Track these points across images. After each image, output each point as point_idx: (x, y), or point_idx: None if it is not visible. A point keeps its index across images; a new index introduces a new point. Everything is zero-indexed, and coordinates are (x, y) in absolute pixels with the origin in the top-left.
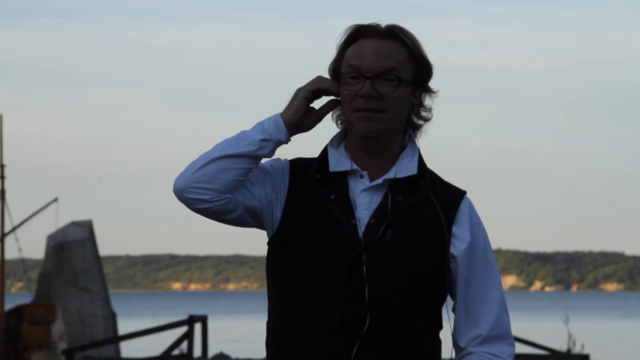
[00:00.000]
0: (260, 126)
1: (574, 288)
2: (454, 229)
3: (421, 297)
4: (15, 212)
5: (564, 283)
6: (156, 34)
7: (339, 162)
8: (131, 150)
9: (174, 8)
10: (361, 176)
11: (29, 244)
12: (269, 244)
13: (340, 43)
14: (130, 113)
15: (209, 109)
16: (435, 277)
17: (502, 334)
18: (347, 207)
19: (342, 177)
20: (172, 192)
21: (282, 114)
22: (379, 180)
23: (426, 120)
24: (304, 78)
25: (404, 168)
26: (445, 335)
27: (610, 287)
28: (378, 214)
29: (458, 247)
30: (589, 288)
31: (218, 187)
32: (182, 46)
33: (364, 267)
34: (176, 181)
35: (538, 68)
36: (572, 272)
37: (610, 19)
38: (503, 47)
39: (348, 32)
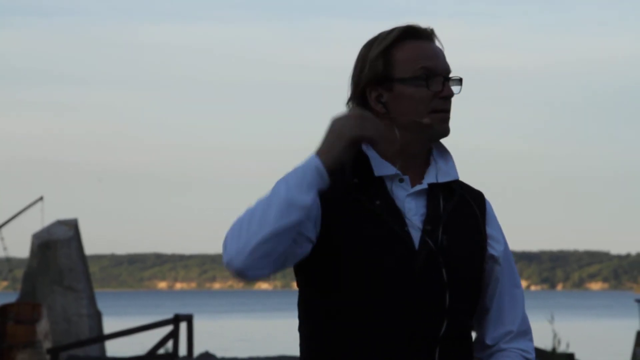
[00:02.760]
0: (305, 181)
1: (559, 287)
2: (488, 230)
3: (473, 301)
4: (0, 210)
5: (549, 282)
6: (143, 34)
7: (382, 166)
8: (117, 149)
9: (162, 8)
10: (401, 180)
11: (14, 243)
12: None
13: (387, 45)
14: (117, 112)
15: (196, 109)
16: (481, 279)
17: (526, 330)
18: (397, 213)
19: (381, 182)
20: (226, 267)
21: (324, 161)
22: (424, 185)
23: None
24: (287, 79)
25: (444, 172)
26: None
27: (595, 286)
28: (432, 220)
29: (497, 248)
30: (574, 287)
31: (275, 260)
32: (166, 46)
33: (443, 273)
34: (233, 261)
35: (523, 67)
36: (557, 271)
37: (594, 19)
38: (489, 47)
39: (396, 34)
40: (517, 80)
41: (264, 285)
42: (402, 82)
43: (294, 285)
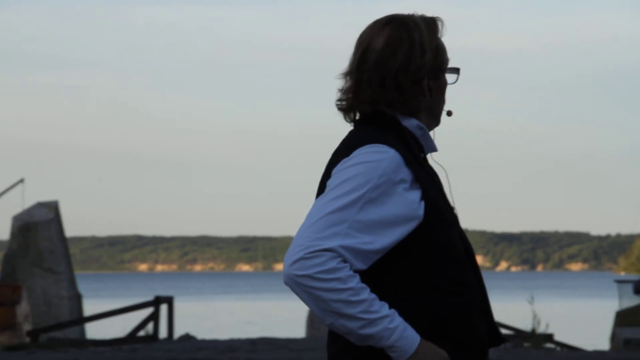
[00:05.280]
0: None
1: (540, 268)
2: None
3: None
4: None
5: (530, 263)
6: (134, 15)
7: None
8: (98, 130)
9: None
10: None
11: None
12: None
13: (440, 35)
14: (98, 94)
15: (184, 90)
16: None
17: None
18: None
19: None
20: (288, 269)
21: None
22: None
23: None
24: (287, 61)
25: None
26: None
27: (575, 267)
28: None
29: None
30: (554, 268)
31: None
32: (159, 28)
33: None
34: (292, 272)
35: (508, 49)
36: (538, 252)
37: (582, 1)
38: (476, 28)
39: (441, 26)
40: (502, 61)
41: (244, 267)
42: (445, 72)
43: (276, 267)
